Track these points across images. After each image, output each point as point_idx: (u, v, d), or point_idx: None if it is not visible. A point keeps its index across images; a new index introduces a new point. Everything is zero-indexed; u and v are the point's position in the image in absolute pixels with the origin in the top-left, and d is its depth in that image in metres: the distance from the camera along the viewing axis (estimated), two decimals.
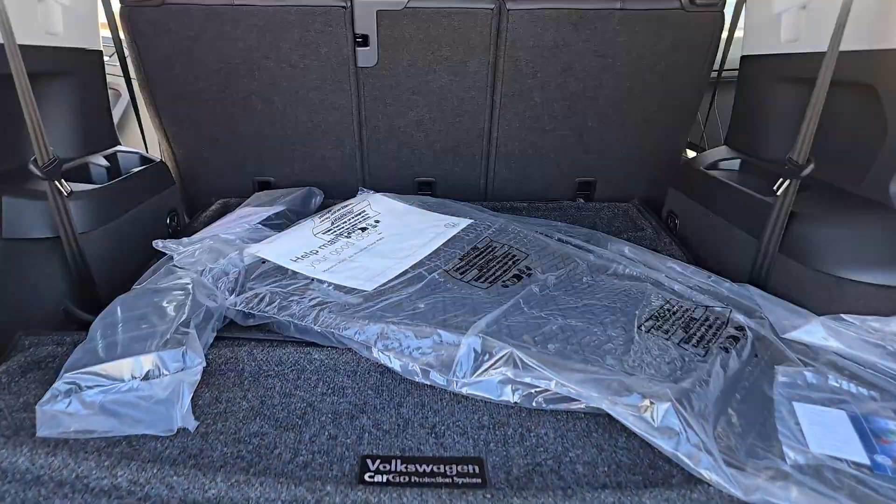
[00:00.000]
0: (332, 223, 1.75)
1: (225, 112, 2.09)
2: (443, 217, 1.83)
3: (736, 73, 2.13)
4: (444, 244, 1.64)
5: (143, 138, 2.20)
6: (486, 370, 1.07)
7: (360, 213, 1.83)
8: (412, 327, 1.17)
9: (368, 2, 1.92)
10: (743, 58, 1.99)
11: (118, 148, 1.99)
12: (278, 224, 1.87)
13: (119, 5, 1.90)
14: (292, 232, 1.67)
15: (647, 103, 2.10)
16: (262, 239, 1.63)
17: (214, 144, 2.16)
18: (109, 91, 2.95)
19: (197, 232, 1.93)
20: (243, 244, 1.57)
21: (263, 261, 1.52)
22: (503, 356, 1.06)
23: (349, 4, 1.91)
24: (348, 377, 1.17)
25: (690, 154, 2.43)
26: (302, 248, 1.59)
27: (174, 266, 1.43)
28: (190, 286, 1.26)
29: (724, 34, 2.01)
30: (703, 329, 1.25)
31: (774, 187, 1.43)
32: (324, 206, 2.20)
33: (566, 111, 2.12)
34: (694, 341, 1.20)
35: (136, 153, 2.01)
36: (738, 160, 1.92)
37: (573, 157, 2.23)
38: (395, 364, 1.13)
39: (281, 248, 1.57)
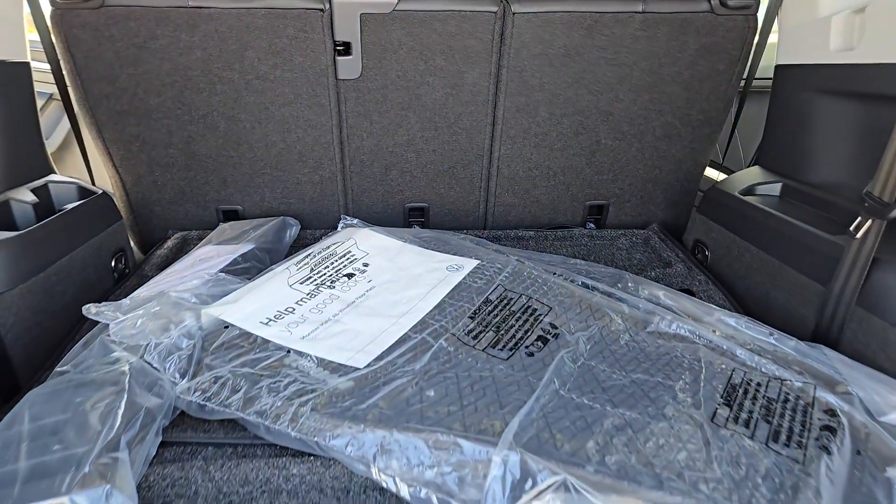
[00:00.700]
0: (312, 269, 1.45)
1: (181, 132, 1.78)
2: (444, 257, 1.55)
3: (763, 82, 1.90)
4: (448, 295, 1.36)
5: (86, 163, 1.87)
6: (528, 502, 0.79)
7: (344, 255, 1.53)
8: (423, 434, 0.88)
9: (350, 3, 1.63)
10: (778, 67, 1.75)
11: (51, 178, 1.66)
12: (246, 268, 1.57)
13: (49, 8, 1.58)
14: (263, 283, 1.37)
15: (668, 117, 1.85)
16: (224, 293, 1.33)
17: (169, 169, 1.85)
18: (54, 103, 2.62)
19: (149, 276, 1.62)
20: (200, 303, 1.26)
21: (227, 325, 1.22)
22: (553, 484, 0.79)
23: (327, 7, 1.62)
24: (337, 501, 0.89)
25: (710, 173, 2.19)
26: (275, 305, 1.30)
27: (110, 340, 1.12)
28: (125, 377, 0.96)
29: (755, 39, 1.77)
30: (787, 416, 0.99)
31: (852, 228, 1.18)
32: (300, 239, 1.91)
33: (577, 127, 1.86)
34: (784, 438, 0.94)
35: (74, 183, 1.68)
36: (779, 184, 1.67)
37: (584, 179, 1.97)
38: (403, 490, 0.84)
39: (249, 307, 1.27)
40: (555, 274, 1.50)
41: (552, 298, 1.35)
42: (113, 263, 1.67)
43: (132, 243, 2.02)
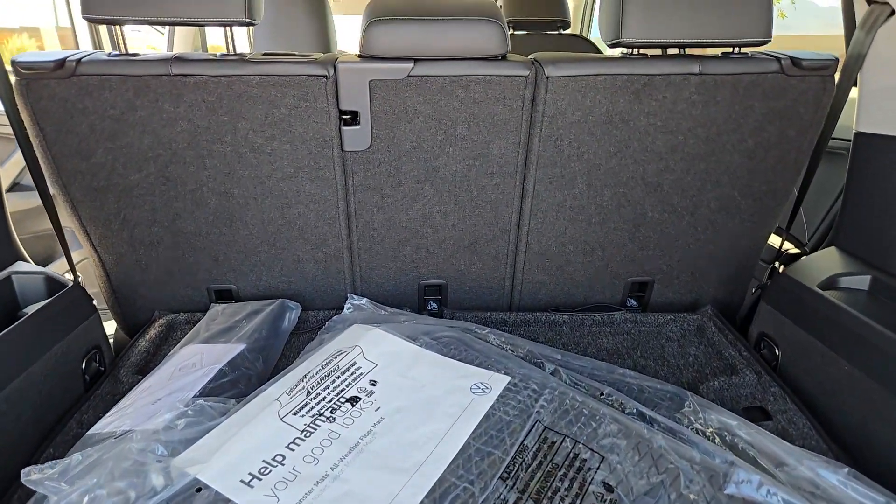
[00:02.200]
0: (309, 393, 1.21)
1: (167, 209, 1.56)
2: (467, 371, 1.30)
3: (833, 142, 1.64)
4: (474, 434, 1.11)
5: (63, 248, 1.61)
6: None
7: (348, 370, 1.29)
8: None
9: (358, 69, 1.40)
10: (858, 134, 1.49)
11: (15, 268, 1.45)
12: (234, 380, 1.34)
13: (14, 78, 1.37)
14: (248, 419, 1.13)
15: (727, 189, 1.60)
16: (203, 432, 1.09)
17: (154, 248, 1.63)
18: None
19: (125, 383, 1.41)
20: (169, 454, 1.03)
21: (199, 488, 0.98)
22: None
23: (332, 73, 1.40)
24: None
25: (771, 239, 1.91)
26: (261, 450, 1.06)
27: None
28: None
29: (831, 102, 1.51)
30: None
31: None
32: (301, 322, 1.69)
33: (619, 199, 1.61)
34: None
35: (42, 273, 1.47)
36: (867, 277, 1.41)
37: (626, 254, 1.72)
38: None
39: (229, 456, 1.04)
40: (601, 395, 1.25)
41: (603, 441, 1.09)
42: (84, 365, 1.44)
43: (116, 325, 1.81)
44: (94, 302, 1.56)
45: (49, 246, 2.40)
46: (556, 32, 3.04)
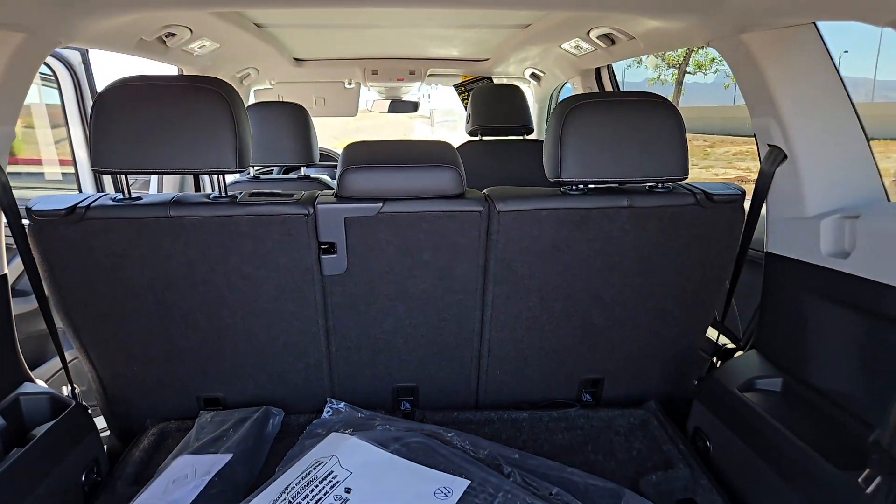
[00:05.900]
0: (290, 503, 1.36)
1: (161, 329, 1.73)
2: (432, 476, 1.46)
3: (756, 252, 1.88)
4: None
5: (66, 373, 1.77)
6: None
7: (325, 479, 1.44)
8: None
9: (335, 209, 1.63)
10: (769, 254, 1.74)
11: (22, 389, 1.59)
12: (222, 490, 1.48)
13: (27, 221, 1.56)
14: None
15: (661, 299, 1.82)
16: None
17: (149, 365, 1.79)
18: None
19: (121, 494, 1.53)
20: None
21: None
22: None
23: (311, 212, 1.62)
24: None
25: (710, 333, 2.13)
26: None
27: None
28: None
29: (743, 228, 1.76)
30: None
31: (861, 479, 1.12)
32: (284, 426, 1.84)
33: (569, 310, 1.82)
34: None
35: (47, 394, 1.61)
36: (779, 380, 1.62)
37: (578, 356, 1.92)
38: None
39: None
40: (550, 495, 1.41)
41: None
42: (84, 477, 1.57)
43: (109, 431, 1.94)
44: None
45: (40, 345, 2.52)
46: (521, 138, 3.34)
